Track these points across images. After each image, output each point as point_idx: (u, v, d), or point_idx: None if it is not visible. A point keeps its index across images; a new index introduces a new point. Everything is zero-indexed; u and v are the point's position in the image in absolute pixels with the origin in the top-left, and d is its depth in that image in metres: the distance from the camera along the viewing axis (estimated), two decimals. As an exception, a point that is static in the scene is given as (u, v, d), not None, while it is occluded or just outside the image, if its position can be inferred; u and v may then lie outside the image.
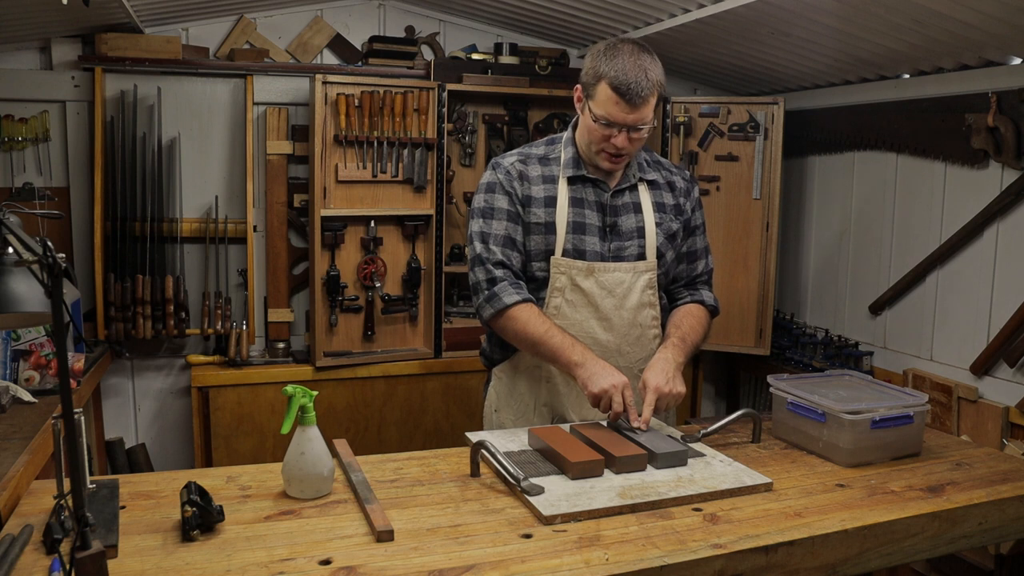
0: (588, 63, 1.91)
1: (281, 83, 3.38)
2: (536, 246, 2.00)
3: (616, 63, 1.83)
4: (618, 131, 1.87)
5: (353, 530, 1.41)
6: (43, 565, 1.26)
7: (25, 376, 2.38)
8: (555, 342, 1.87)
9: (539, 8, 3.28)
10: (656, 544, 1.38)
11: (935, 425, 2.83)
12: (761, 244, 3.55)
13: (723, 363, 4.11)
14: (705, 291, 2.16)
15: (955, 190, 2.92)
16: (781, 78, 3.55)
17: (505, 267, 1.97)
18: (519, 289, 1.96)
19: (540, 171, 2.03)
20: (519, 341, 1.96)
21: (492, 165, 2.07)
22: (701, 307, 2.11)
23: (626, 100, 1.83)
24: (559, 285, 1.98)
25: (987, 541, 1.70)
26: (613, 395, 1.79)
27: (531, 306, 1.94)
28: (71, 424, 1.16)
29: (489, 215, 2.00)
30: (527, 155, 2.07)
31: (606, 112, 1.86)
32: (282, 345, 3.38)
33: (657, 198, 2.05)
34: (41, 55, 3.14)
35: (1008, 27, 2.35)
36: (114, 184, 3.11)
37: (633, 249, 2.00)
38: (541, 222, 1.99)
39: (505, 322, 1.95)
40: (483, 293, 1.97)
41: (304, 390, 1.58)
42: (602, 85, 1.85)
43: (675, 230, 2.06)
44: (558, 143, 2.07)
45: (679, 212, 2.07)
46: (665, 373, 1.85)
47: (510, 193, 2.00)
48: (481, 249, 1.99)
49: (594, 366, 1.83)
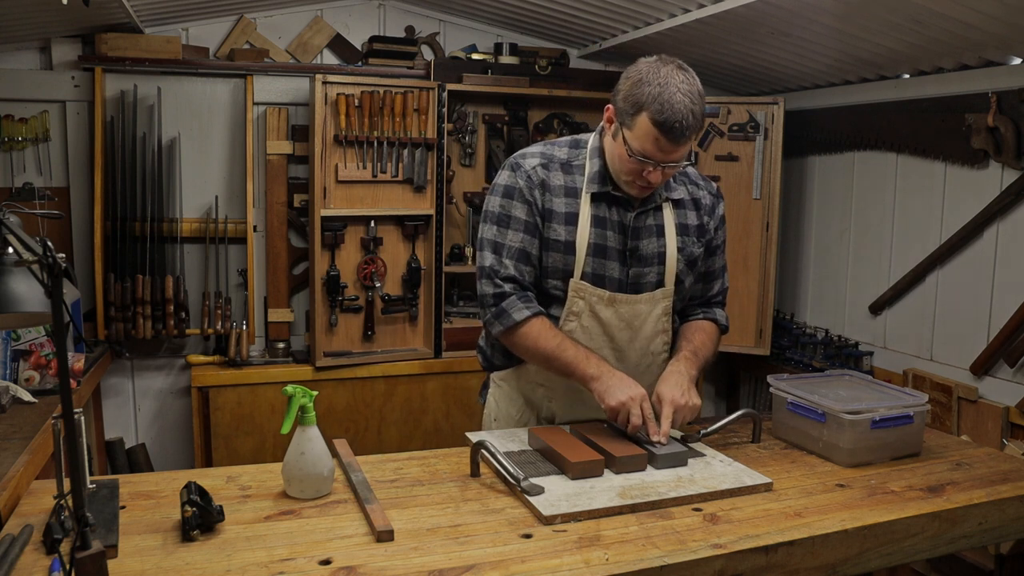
0: (627, 88, 1.72)
1: (281, 83, 3.38)
2: (553, 263, 1.87)
3: (662, 95, 1.65)
4: (653, 167, 1.73)
5: (353, 530, 1.41)
6: (43, 565, 1.26)
7: (25, 376, 2.38)
8: (568, 356, 1.80)
9: (539, 8, 3.28)
10: (656, 544, 1.38)
11: (935, 425, 2.83)
12: (761, 244, 3.55)
13: (723, 363, 4.11)
14: (719, 310, 2.07)
15: (955, 190, 2.92)
16: (781, 78, 3.55)
17: (515, 282, 1.86)
18: (528, 303, 1.85)
19: (563, 180, 1.87)
20: (531, 356, 1.88)
21: (512, 166, 1.90)
22: (713, 324, 2.03)
23: (668, 139, 1.67)
24: (576, 310, 1.87)
25: (987, 541, 1.70)
26: (631, 408, 1.72)
27: (542, 320, 1.84)
28: (71, 424, 1.16)
29: (504, 223, 1.86)
30: (550, 158, 1.90)
31: (643, 148, 1.70)
32: (282, 345, 3.39)
33: (681, 219, 1.93)
34: (41, 55, 3.15)
35: (1008, 27, 2.35)
36: (114, 184, 3.11)
37: (652, 276, 1.90)
38: (561, 240, 1.85)
39: (516, 339, 1.85)
40: (490, 309, 1.87)
41: (304, 390, 1.58)
42: (642, 118, 1.68)
43: (697, 255, 1.95)
44: (583, 148, 1.91)
45: (702, 233, 1.97)
46: (680, 386, 1.79)
47: (530, 203, 1.85)
48: (492, 261, 1.87)
49: (611, 379, 1.76)
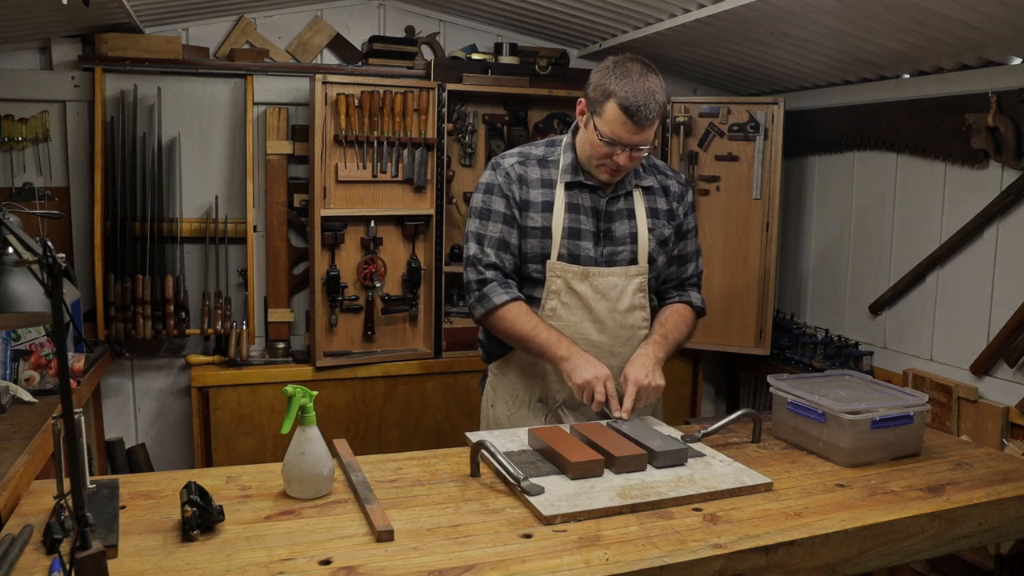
0: (596, 79, 1.92)
1: (281, 83, 3.38)
2: (532, 249, 2.04)
3: (626, 83, 1.86)
4: (621, 150, 1.91)
5: (353, 530, 1.41)
6: (43, 565, 1.26)
7: (25, 376, 2.38)
8: (542, 338, 1.96)
9: (539, 8, 3.28)
10: (656, 544, 1.38)
11: (935, 425, 2.83)
12: (761, 244, 3.55)
13: (723, 363, 4.11)
14: (693, 292, 2.22)
15: (955, 190, 2.92)
16: (781, 78, 3.55)
17: (496, 268, 2.04)
18: (508, 289, 2.02)
19: (539, 174, 2.07)
20: (509, 338, 2.04)
21: (492, 165, 2.10)
22: (687, 307, 2.17)
23: (633, 121, 1.86)
24: (554, 288, 2.04)
25: (987, 541, 1.70)
26: (595, 385, 1.88)
27: (520, 304, 2.01)
28: (71, 424, 1.16)
29: (486, 216, 2.05)
30: (527, 156, 2.10)
31: (612, 131, 1.89)
32: (282, 345, 3.38)
33: (651, 203, 2.09)
34: (41, 55, 3.14)
35: (1008, 27, 2.35)
36: (114, 184, 3.11)
37: (626, 254, 2.06)
38: (538, 226, 2.03)
39: (495, 321, 2.02)
40: (474, 294, 2.05)
41: (304, 390, 1.58)
42: (610, 104, 1.87)
43: (667, 236, 2.11)
44: (558, 146, 2.10)
45: (672, 217, 2.12)
46: (645, 367, 1.93)
47: (508, 196, 2.04)
48: (475, 250, 2.05)
49: (578, 359, 1.92)
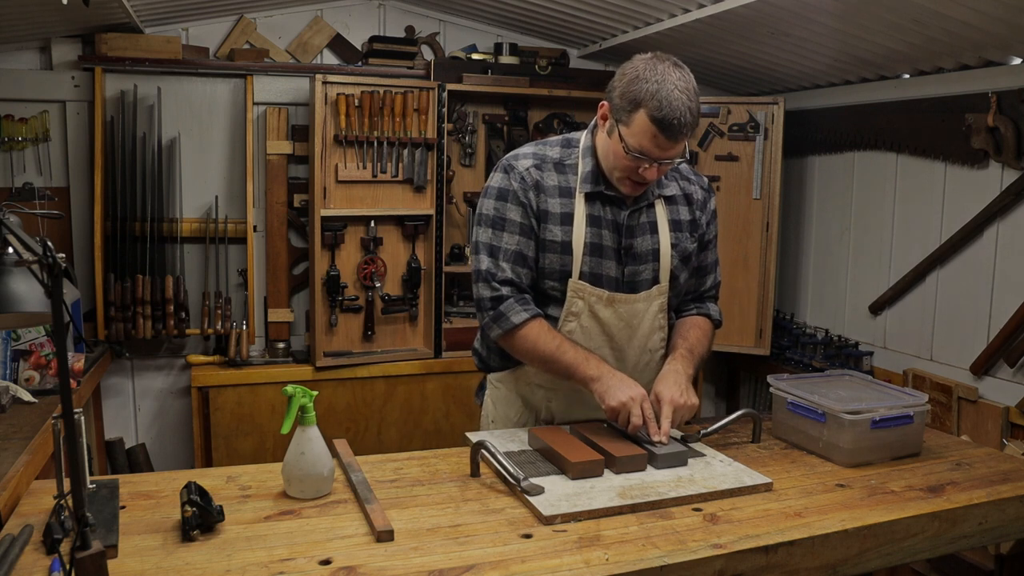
0: (623, 84, 1.71)
1: (281, 83, 3.38)
2: (551, 264, 1.86)
3: (660, 92, 1.65)
4: (649, 164, 1.72)
5: (353, 530, 1.41)
6: (43, 565, 1.26)
7: (25, 376, 2.38)
8: (568, 358, 1.79)
9: (539, 8, 3.28)
10: (656, 544, 1.38)
11: (935, 425, 2.83)
12: (761, 244, 3.55)
13: (723, 363, 4.11)
14: (712, 305, 2.08)
15: (955, 190, 2.92)
16: (781, 78, 3.55)
17: (512, 284, 1.85)
18: (526, 306, 1.84)
19: (556, 180, 1.87)
20: (530, 359, 1.87)
21: (505, 167, 1.89)
22: (707, 320, 2.03)
23: (667, 136, 1.67)
24: (575, 310, 1.87)
25: (987, 541, 1.70)
26: (632, 408, 1.72)
27: (540, 322, 1.84)
28: (71, 424, 1.16)
29: (500, 226, 1.85)
30: (543, 158, 1.89)
31: (640, 144, 1.69)
32: (282, 345, 3.38)
33: (673, 215, 1.93)
34: (41, 55, 3.15)
35: (1008, 27, 2.35)
36: (114, 184, 3.11)
37: (647, 274, 1.90)
38: (557, 240, 1.84)
39: (515, 342, 1.85)
40: (488, 313, 1.86)
41: (304, 390, 1.58)
42: (640, 115, 1.67)
43: (690, 251, 1.95)
44: (575, 147, 1.90)
45: (695, 228, 1.96)
46: (679, 385, 1.78)
47: (525, 204, 1.84)
48: (489, 264, 1.85)
49: (610, 379, 1.76)
